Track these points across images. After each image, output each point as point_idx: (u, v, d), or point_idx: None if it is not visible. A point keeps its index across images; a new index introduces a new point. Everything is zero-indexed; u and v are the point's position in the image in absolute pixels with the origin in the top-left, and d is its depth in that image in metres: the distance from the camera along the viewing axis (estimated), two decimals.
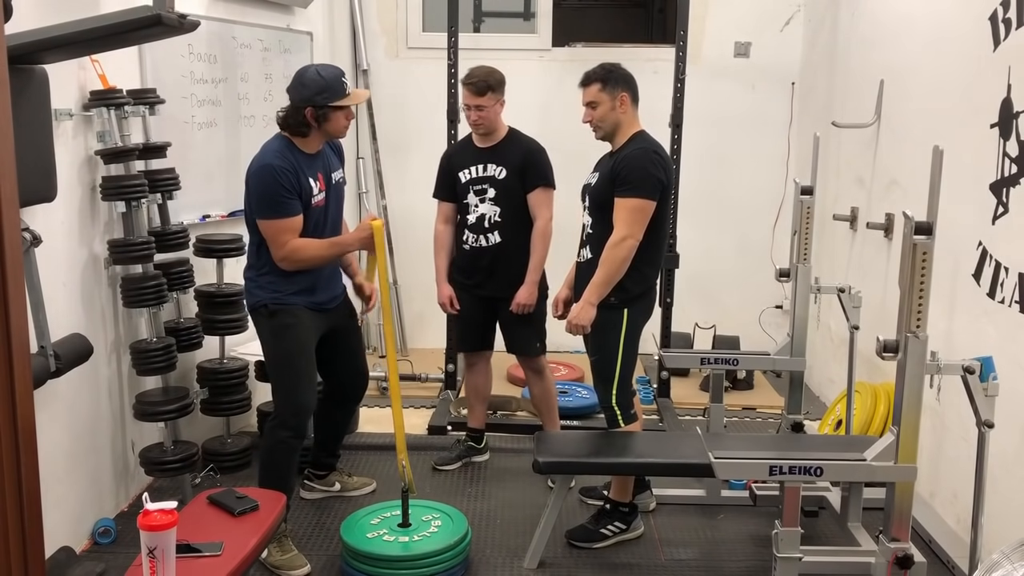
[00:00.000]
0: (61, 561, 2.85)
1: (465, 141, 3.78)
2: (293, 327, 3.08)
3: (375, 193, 5.58)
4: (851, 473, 2.78)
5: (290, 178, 2.97)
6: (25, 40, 2.46)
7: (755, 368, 4.86)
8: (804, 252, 3.58)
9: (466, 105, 3.61)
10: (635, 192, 3.06)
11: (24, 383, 1.90)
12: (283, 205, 2.97)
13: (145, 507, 2.13)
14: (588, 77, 3.18)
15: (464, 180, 3.67)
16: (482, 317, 3.77)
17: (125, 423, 3.43)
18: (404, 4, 5.51)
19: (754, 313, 5.37)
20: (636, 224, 3.07)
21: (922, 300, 2.46)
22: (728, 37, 5.42)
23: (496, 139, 3.65)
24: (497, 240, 3.65)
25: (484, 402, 4.01)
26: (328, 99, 2.98)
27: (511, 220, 3.63)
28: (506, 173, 3.61)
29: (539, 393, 3.83)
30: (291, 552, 3.03)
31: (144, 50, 3.44)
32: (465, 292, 3.76)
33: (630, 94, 3.17)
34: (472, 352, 3.90)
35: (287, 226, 2.99)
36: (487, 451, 4.04)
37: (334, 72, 3.04)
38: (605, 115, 3.15)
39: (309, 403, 3.15)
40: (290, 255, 3.01)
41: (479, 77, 3.56)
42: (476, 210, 3.66)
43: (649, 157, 3.10)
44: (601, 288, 3.10)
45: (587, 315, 3.11)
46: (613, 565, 3.14)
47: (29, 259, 2.60)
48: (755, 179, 5.45)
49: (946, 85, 3.42)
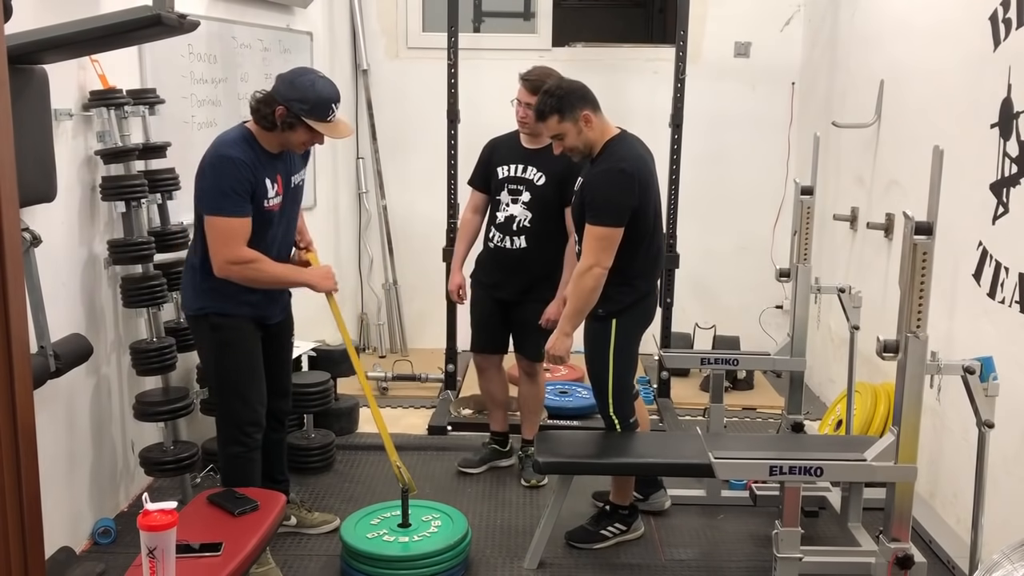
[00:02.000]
0: (61, 561, 2.85)
1: (512, 136, 3.67)
2: (237, 343, 2.91)
3: (375, 193, 5.58)
4: (851, 473, 2.77)
5: (247, 174, 2.76)
6: (25, 40, 2.46)
7: (755, 368, 4.85)
8: (804, 252, 3.58)
9: (517, 100, 3.53)
10: (599, 220, 2.95)
11: (24, 383, 1.90)
12: (235, 203, 2.74)
13: (145, 507, 2.12)
14: (541, 112, 3.02)
15: (501, 176, 3.59)
16: (496, 318, 3.70)
17: (125, 423, 3.43)
18: (404, 4, 5.51)
19: (754, 313, 5.37)
20: (603, 252, 2.96)
21: (922, 300, 2.46)
22: (728, 37, 5.42)
23: (543, 142, 3.52)
24: (523, 245, 3.56)
25: (503, 407, 3.94)
26: (306, 114, 2.75)
27: (540, 227, 3.55)
28: (545, 180, 3.53)
29: (527, 394, 3.80)
30: (268, 565, 2.91)
31: (144, 50, 3.44)
32: (482, 290, 3.70)
33: (590, 107, 3.00)
34: (483, 354, 3.81)
35: (237, 228, 2.75)
36: (512, 454, 3.95)
37: (329, 93, 2.79)
38: (575, 142, 3.01)
39: (255, 419, 2.96)
40: (242, 266, 2.77)
41: (537, 76, 3.48)
42: (506, 209, 3.58)
43: (613, 179, 2.96)
44: (574, 319, 3.05)
45: (563, 346, 3.06)
46: (613, 565, 3.14)
47: (29, 259, 2.60)
48: (755, 179, 5.44)
49: (946, 85, 3.42)
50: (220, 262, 2.77)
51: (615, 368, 3.14)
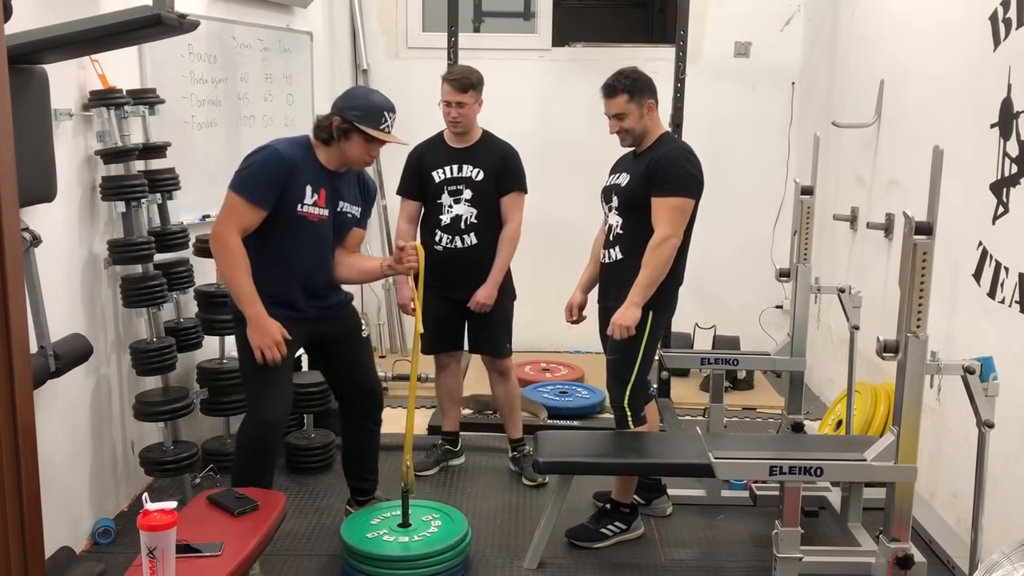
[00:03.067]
0: (61, 561, 2.84)
1: (436, 140, 3.71)
2: None
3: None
4: (851, 473, 2.78)
5: (282, 171, 2.83)
6: (25, 40, 2.46)
7: (755, 368, 4.85)
8: (804, 252, 3.58)
9: (446, 102, 3.54)
10: (676, 191, 3.04)
11: (24, 383, 1.90)
12: (258, 191, 2.80)
13: (145, 507, 2.13)
14: (613, 88, 3.10)
15: (438, 180, 3.61)
16: (451, 318, 3.70)
17: (125, 423, 3.43)
18: (404, 4, 5.51)
19: (754, 313, 5.37)
20: (678, 223, 3.04)
21: (922, 300, 2.46)
22: (728, 37, 5.42)
23: (471, 140, 3.62)
24: (473, 242, 3.61)
25: (458, 404, 3.98)
26: (359, 120, 2.85)
27: (486, 222, 3.61)
28: (483, 175, 3.58)
29: (503, 395, 3.81)
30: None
31: (144, 50, 3.44)
32: (433, 294, 3.58)
33: (655, 100, 3.13)
34: (443, 353, 3.84)
35: (243, 211, 2.80)
36: (463, 454, 3.99)
37: (383, 103, 2.93)
38: (634, 125, 3.11)
39: (274, 418, 2.95)
40: (220, 247, 2.82)
41: (461, 74, 3.53)
42: (450, 211, 3.61)
43: (686, 157, 3.09)
44: (646, 289, 3.04)
45: (632, 316, 3.03)
46: (613, 565, 3.14)
47: (29, 259, 2.60)
48: (755, 179, 5.45)
49: (946, 85, 3.42)
50: (213, 230, 2.88)
51: (643, 360, 3.15)
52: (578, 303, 3.43)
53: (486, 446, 4.14)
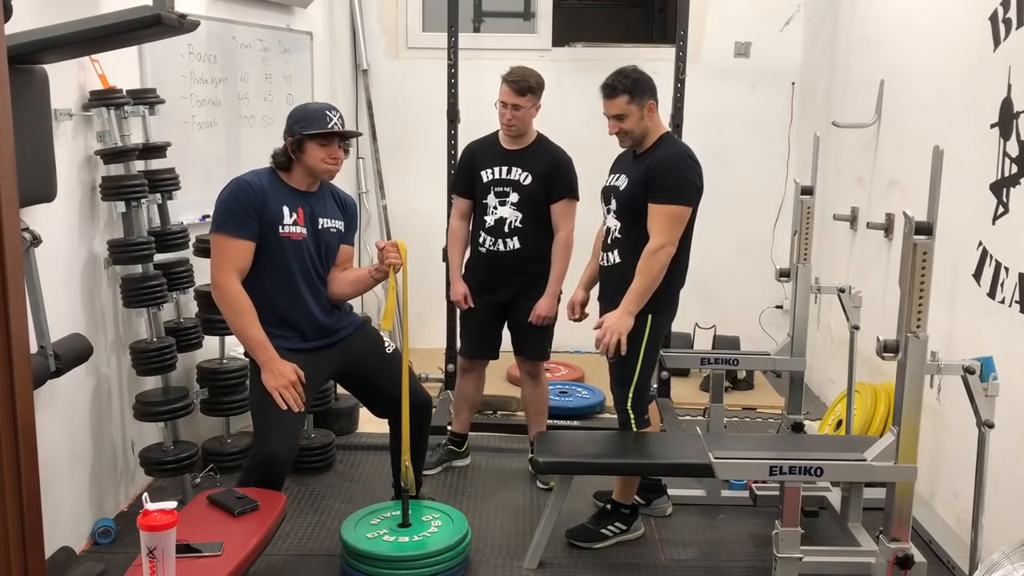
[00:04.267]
0: (61, 561, 2.84)
1: (491, 139, 3.66)
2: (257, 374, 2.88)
3: (375, 193, 5.58)
4: (851, 473, 2.78)
5: (253, 197, 2.85)
6: (25, 40, 2.46)
7: (755, 368, 4.85)
8: (804, 252, 3.58)
9: (502, 103, 3.49)
10: (673, 199, 3.01)
11: (24, 383, 1.90)
12: (236, 223, 2.83)
13: (145, 507, 2.12)
14: (613, 88, 3.06)
15: (486, 180, 3.58)
16: (491, 323, 3.69)
17: (125, 423, 3.43)
18: (404, 4, 5.51)
19: (754, 313, 5.37)
20: (673, 230, 3.01)
21: (922, 300, 2.46)
22: (728, 37, 5.42)
23: (525, 143, 3.56)
24: (516, 246, 3.57)
25: (472, 409, 3.96)
26: (303, 128, 2.88)
27: (531, 227, 3.55)
28: (531, 179, 3.53)
29: (531, 396, 3.80)
30: None
31: (144, 50, 3.44)
32: (476, 296, 3.67)
33: (655, 100, 3.10)
34: (473, 359, 3.82)
35: (230, 249, 2.83)
36: (468, 455, 3.97)
37: (321, 105, 2.98)
38: (634, 127, 3.08)
39: (278, 453, 2.79)
40: (221, 294, 2.84)
41: (520, 76, 3.47)
42: (495, 212, 3.57)
43: (685, 162, 3.05)
44: (640, 297, 3.01)
45: (625, 324, 3.01)
46: (613, 565, 3.14)
47: (29, 259, 2.60)
48: (755, 179, 5.45)
49: (946, 85, 3.42)
50: (212, 281, 2.90)
51: (643, 363, 3.14)
52: (580, 300, 3.43)
53: (487, 446, 4.14)
